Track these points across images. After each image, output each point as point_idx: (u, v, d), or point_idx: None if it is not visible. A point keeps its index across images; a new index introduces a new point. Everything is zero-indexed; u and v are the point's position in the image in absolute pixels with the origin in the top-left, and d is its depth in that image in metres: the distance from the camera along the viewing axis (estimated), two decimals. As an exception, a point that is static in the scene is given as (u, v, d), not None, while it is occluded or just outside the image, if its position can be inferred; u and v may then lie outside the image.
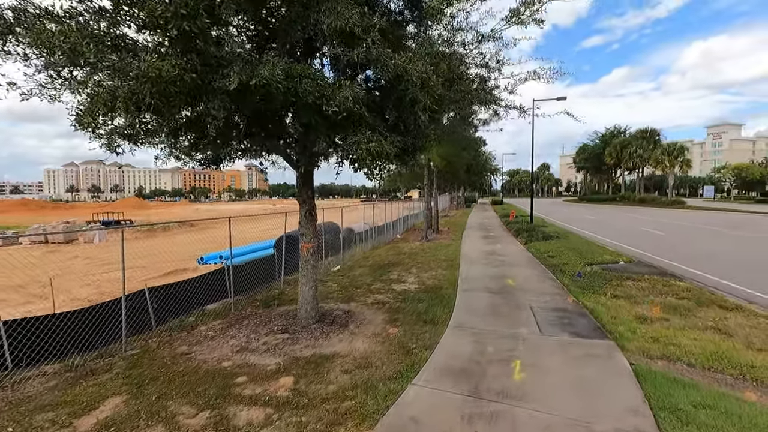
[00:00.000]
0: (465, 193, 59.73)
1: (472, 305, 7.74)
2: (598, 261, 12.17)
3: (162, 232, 29.86)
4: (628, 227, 24.29)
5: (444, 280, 9.87)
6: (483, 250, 14.93)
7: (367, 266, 11.88)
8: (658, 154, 49.42)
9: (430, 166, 20.54)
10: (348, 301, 8.08)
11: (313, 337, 5.78)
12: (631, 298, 8.14)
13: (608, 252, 13.91)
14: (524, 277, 10.16)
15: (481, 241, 17.74)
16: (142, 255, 20.38)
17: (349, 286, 9.44)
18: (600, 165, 71.12)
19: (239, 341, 5.79)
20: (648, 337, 5.96)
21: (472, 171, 39.86)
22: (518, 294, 8.56)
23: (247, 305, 7.95)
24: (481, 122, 20.13)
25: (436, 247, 15.69)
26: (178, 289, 7.59)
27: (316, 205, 6.51)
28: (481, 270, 11.12)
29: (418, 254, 14.00)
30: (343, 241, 14.24)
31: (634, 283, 9.53)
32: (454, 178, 33.14)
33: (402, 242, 17.70)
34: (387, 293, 8.75)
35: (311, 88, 3.49)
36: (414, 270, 11.22)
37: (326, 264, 11.82)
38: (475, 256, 13.40)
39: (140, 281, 14.52)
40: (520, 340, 5.90)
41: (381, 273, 10.83)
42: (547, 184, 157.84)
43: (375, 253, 14.60)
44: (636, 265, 11.99)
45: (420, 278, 10.20)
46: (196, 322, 6.91)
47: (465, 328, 6.39)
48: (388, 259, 13.21)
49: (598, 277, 10.00)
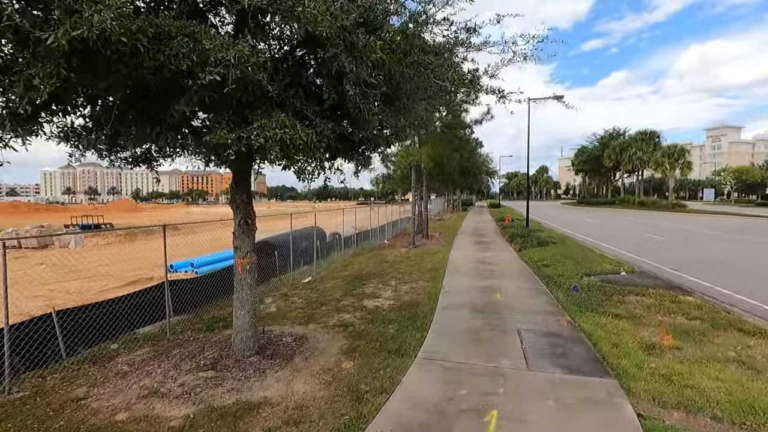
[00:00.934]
0: (461, 196, 58.68)
1: (449, 328, 6.62)
2: (597, 271, 11.07)
3: (144, 236, 28.68)
4: (629, 232, 23.22)
5: (423, 295, 8.75)
6: (473, 257, 13.81)
7: (341, 277, 10.76)
8: (658, 157, 48.29)
9: (420, 168, 19.48)
10: (307, 323, 6.96)
11: (244, 376, 4.65)
12: (635, 319, 7.03)
13: (608, 260, 12.81)
14: (514, 291, 9.05)
15: (473, 247, 16.63)
16: (114, 261, 19.26)
17: (315, 301, 8.32)
18: (599, 167, 70.06)
19: (153, 380, 4.67)
20: (658, 374, 4.85)
21: (467, 173, 38.85)
22: (505, 313, 7.44)
23: (189, 327, 6.82)
24: (474, 122, 19.18)
25: (423, 254, 14.57)
26: (107, 309, 6.48)
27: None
28: (467, 282, 10.00)
29: (402, 262, 12.88)
30: (318, 249, 13.13)
31: (638, 298, 8.43)
32: (448, 181, 32.07)
33: (388, 248, 16.59)
34: (355, 311, 7.63)
35: (184, 48, 2.43)
36: (393, 282, 10.10)
37: (294, 275, 10.69)
38: (463, 265, 12.29)
39: (97, 292, 13.44)
40: (501, 378, 4.78)
41: (355, 285, 9.71)
42: (545, 187, 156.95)
43: (356, 260, 13.48)
44: (639, 275, 10.89)
45: (397, 292, 9.08)
46: (119, 351, 5.78)
47: (435, 361, 5.28)
48: (368, 268, 12.09)
49: (597, 291, 8.89)
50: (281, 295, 8.92)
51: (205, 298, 8.41)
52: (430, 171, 20.92)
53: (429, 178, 21.50)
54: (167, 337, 6.29)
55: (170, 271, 15.74)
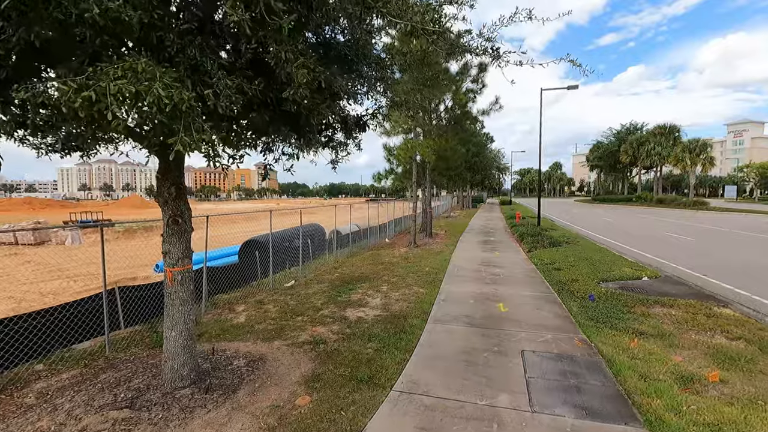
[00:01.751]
0: (471, 192, 57.26)
1: (439, 348, 5.55)
2: (616, 276, 9.84)
3: (144, 232, 28.13)
4: (648, 231, 21.73)
5: (416, 304, 7.68)
6: (477, 259, 12.66)
7: (329, 281, 9.74)
8: (678, 152, 45.99)
9: (424, 162, 18.36)
10: (273, 338, 5.95)
11: (164, 419, 3.66)
12: (665, 338, 5.86)
13: (627, 263, 11.54)
14: (520, 300, 7.91)
15: (478, 247, 15.46)
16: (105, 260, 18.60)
17: (291, 311, 7.31)
18: (615, 163, 67.59)
19: (52, 422, 3.70)
20: (703, 423, 3.71)
21: (476, 169, 37.50)
22: (508, 328, 6.33)
23: (137, 342, 5.87)
24: (481, 112, 17.95)
25: (424, 255, 13.47)
26: (48, 318, 5.57)
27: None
28: (467, 288, 8.89)
29: (399, 264, 11.81)
30: (310, 249, 12.14)
31: (665, 310, 7.23)
32: (455, 176, 30.84)
33: (387, 248, 15.53)
34: (334, 324, 6.60)
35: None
36: (385, 287, 9.04)
37: (277, 278, 9.71)
38: (466, 268, 11.16)
39: (74, 293, 12.68)
40: (495, 424, 3.70)
41: (342, 291, 8.69)
42: (559, 184, 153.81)
43: (349, 261, 12.46)
44: (663, 282, 9.64)
45: (387, 300, 8.02)
46: (41, 374, 4.86)
47: (414, 396, 4.21)
48: (361, 270, 11.05)
49: (617, 301, 7.71)
50: (256, 302, 7.94)
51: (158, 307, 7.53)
52: (435, 166, 19.77)
53: (434, 173, 20.35)
54: (105, 356, 5.35)
55: (155, 271, 15.01)
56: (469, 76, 17.24)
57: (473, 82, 17.28)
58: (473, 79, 17.22)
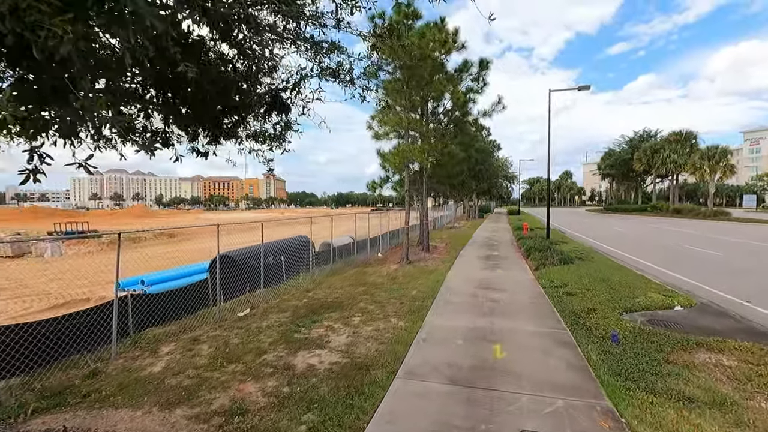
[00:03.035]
0: (478, 202, 55.43)
1: (400, 426, 3.88)
2: (642, 305, 8.08)
3: (131, 243, 26.87)
4: (669, 245, 19.78)
5: (389, 345, 6.03)
6: (476, 279, 10.96)
7: (293, 308, 8.13)
8: (696, 159, 43.66)
9: (421, 170, 16.79)
10: (177, 404, 4.34)
11: None
12: (726, 409, 4.13)
13: (652, 286, 9.76)
14: (523, 340, 6.20)
15: (479, 264, 13.74)
16: (74, 274, 17.28)
17: (226, 355, 5.70)
18: (628, 172, 65.08)
19: None
20: None
21: (481, 177, 35.78)
22: (505, 387, 4.64)
23: None
24: (482, 113, 16.36)
25: (415, 273, 11.80)
26: None
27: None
28: (457, 321, 7.20)
29: (383, 286, 10.16)
30: (283, 266, 10.61)
31: (715, 357, 5.49)
32: (459, 185, 29.17)
33: (376, 265, 13.89)
34: (272, 377, 4.98)
35: None
36: (357, 318, 7.40)
37: (229, 306, 8.10)
38: (460, 292, 9.47)
39: (8, 318, 11.24)
40: None
41: (303, 323, 7.07)
42: (569, 193, 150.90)
43: (327, 282, 10.84)
44: (701, 312, 7.86)
45: (355, 338, 6.38)
46: None
47: None
48: (338, 293, 9.43)
49: (648, 342, 5.98)
50: (190, 339, 6.36)
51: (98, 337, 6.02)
52: (433, 173, 18.18)
53: (432, 180, 18.74)
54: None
55: (119, 288, 13.53)
56: (470, 74, 15.72)
57: (474, 81, 15.74)
58: (474, 77, 15.69)
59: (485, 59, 15.25)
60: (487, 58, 15.33)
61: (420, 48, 12.24)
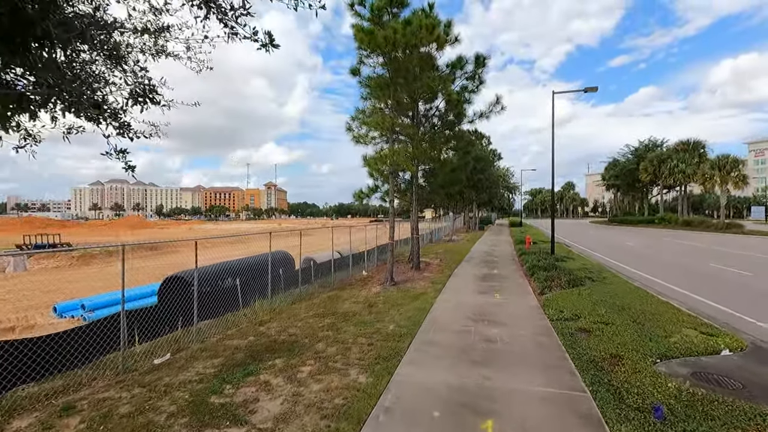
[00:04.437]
0: (479, 213, 53.61)
1: None
2: (679, 348, 6.26)
3: (106, 257, 25.16)
4: (688, 262, 17.89)
5: (335, 419, 4.23)
6: (469, 307, 9.16)
7: (232, 350, 6.34)
8: (706, 169, 41.80)
9: (413, 177, 15.12)
10: None
11: None
12: None
13: (684, 318, 7.94)
14: (527, 410, 4.39)
15: (475, 285, 11.93)
16: (27, 293, 15.58)
17: (93, 439, 3.92)
18: (633, 182, 63.10)
19: None
20: None
21: (480, 187, 34.06)
22: None
23: None
24: (478, 114, 14.71)
25: (397, 299, 10.01)
26: None
27: None
28: (438, 375, 5.40)
29: (356, 316, 8.37)
30: (239, 291, 8.87)
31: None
32: (457, 194, 27.45)
33: (358, 286, 12.10)
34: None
35: None
36: (306, 369, 5.61)
37: (138, 352, 6.27)
38: (448, 327, 7.67)
39: None
40: None
41: (233, 377, 5.29)
42: (572, 204, 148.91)
43: (291, 310, 9.06)
44: (758, 359, 6.03)
45: (293, 405, 4.59)
46: None
47: None
48: (297, 327, 7.64)
49: (704, 415, 4.18)
50: (64, 406, 4.58)
51: None
52: (427, 181, 16.50)
53: (425, 190, 17.02)
54: None
55: (53, 314, 11.77)
56: (465, 72, 14.11)
57: (469, 80, 14.13)
58: (469, 75, 14.08)
59: (482, 55, 13.65)
60: (483, 54, 13.73)
61: (405, 37, 10.64)
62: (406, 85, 11.76)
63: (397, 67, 11.19)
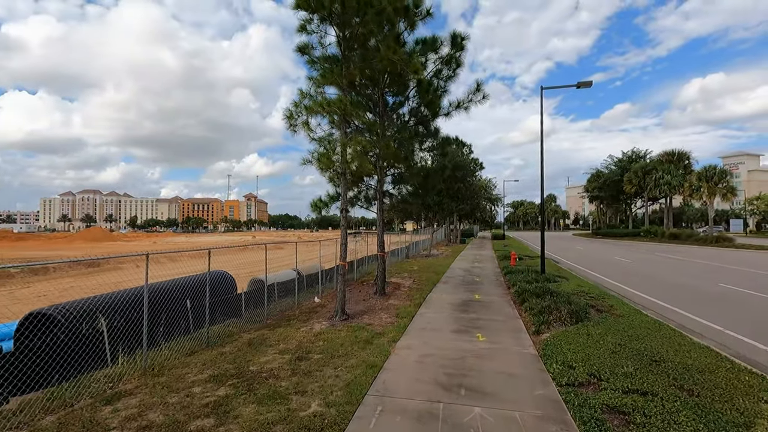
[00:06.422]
0: (461, 225, 51.32)
1: None
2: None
3: (28, 275, 21.58)
4: (695, 282, 15.65)
5: None
6: (440, 359, 6.47)
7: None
8: (693, 180, 40.67)
9: (381, 181, 12.55)
10: None
11: None
12: None
13: (751, 380, 5.42)
14: None
15: (451, 320, 9.26)
16: None
17: None
18: (617, 194, 62.11)
19: None
20: None
21: (460, 197, 31.74)
22: None
23: None
24: (455, 105, 12.21)
25: (344, 344, 7.24)
26: None
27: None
28: None
29: (270, 381, 5.56)
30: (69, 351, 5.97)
31: None
32: (437, 206, 24.92)
33: (299, 320, 9.28)
34: None
35: None
36: None
37: None
38: (403, 406, 4.95)
39: None
40: None
41: None
42: (554, 217, 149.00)
43: (179, 367, 6.18)
44: None
45: None
46: None
47: None
48: (162, 408, 4.80)
49: None
50: None
51: None
52: (395, 187, 13.90)
53: (395, 198, 14.38)
54: None
55: None
56: (440, 56, 11.68)
57: (444, 64, 11.68)
58: (445, 58, 11.64)
59: (459, 34, 11.23)
60: (462, 34, 11.31)
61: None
62: (363, 61, 9.18)
63: (350, 34, 8.62)
